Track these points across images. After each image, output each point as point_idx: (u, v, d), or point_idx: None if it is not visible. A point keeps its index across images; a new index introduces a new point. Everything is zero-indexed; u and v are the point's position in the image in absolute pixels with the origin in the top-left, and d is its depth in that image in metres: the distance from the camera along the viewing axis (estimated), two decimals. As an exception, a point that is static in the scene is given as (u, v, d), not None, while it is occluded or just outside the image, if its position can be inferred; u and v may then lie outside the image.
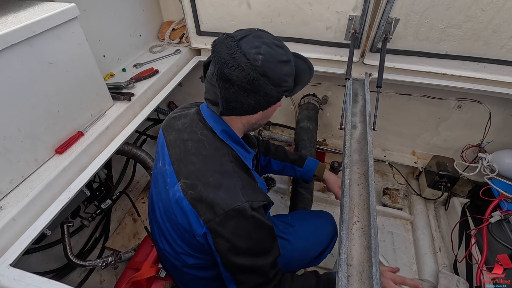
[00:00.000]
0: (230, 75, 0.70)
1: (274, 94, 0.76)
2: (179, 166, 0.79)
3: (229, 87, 0.72)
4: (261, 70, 0.71)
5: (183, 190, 0.75)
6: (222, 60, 0.71)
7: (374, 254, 0.75)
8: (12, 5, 1.00)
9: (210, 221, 0.70)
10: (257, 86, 0.72)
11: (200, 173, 0.76)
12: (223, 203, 0.71)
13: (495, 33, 1.23)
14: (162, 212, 0.88)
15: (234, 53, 0.70)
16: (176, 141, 0.84)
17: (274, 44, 0.74)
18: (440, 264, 1.64)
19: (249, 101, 0.75)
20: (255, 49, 0.71)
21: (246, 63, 0.70)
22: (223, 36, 0.74)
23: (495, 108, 1.61)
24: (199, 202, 0.72)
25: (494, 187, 1.46)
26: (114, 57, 1.56)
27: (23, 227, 0.91)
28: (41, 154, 1.03)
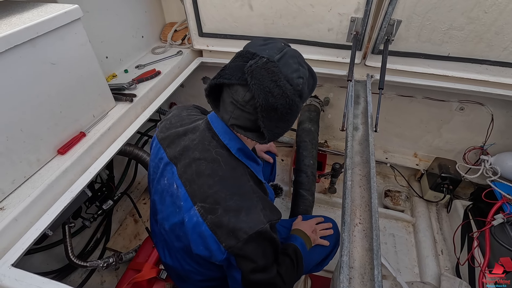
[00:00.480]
0: (276, 104, 0.66)
1: (300, 109, 0.75)
2: (192, 188, 0.74)
3: (273, 115, 0.69)
4: (299, 93, 0.70)
5: (202, 214, 0.71)
6: (266, 88, 0.65)
7: (376, 256, 0.75)
8: (16, 7, 1.01)
9: (231, 247, 0.68)
10: (295, 108, 0.71)
11: (218, 196, 0.72)
12: (246, 227, 0.68)
13: (498, 35, 1.23)
14: (170, 231, 0.85)
15: (278, 81, 0.65)
16: (185, 160, 0.78)
17: (303, 61, 0.74)
18: (442, 267, 1.63)
19: (287, 124, 0.74)
20: (296, 73, 0.68)
21: (290, 90, 0.67)
22: (262, 60, 0.66)
23: (497, 110, 1.60)
24: (219, 227, 0.69)
25: (497, 190, 1.46)
26: (117, 58, 1.56)
27: (25, 227, 0.91)
28: (43, 155, 1.04)
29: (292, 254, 0.90)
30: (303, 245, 1.00)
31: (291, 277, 0.85)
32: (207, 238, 0.70)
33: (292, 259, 0.89)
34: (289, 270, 0.85)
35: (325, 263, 1.16)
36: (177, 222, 0.79)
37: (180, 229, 0.79)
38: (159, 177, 0.87)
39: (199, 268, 0.86)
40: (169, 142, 0.84)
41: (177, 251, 0.88)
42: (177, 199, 0.79)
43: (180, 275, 0.97)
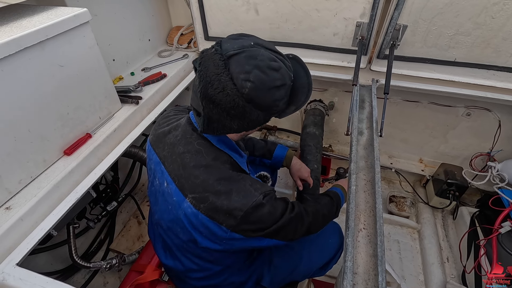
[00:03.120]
0: (214, 97, 0.65)
1: (261, 118, 0.71)
2: (180, 182, 0.76)
3: (213, 108, 0.67)
4: (248, 97, 0.65)
5: (194, 205, 0.73)
6: (207, 79, 0.65)
7: (380, 262, 0.74)
8: (27, 10, 1.03)
9: (232, 226, 0.71)
10: (242, 112, 0.67)
11: (206, 184, 0.73)
12: (241, 205, 0.71)
13: (505, 41, 1.22)
14: (167, 230, 0.86)
15: (220, 75, 0.64)
16: (171, 156, 0.80)
17: (269, 67, 0.66)
18: (448, 274, 1.61)
19: (232, 125, 0.70)
20: (244, 75, 0.64)
21: (232, 89, 0.64)
22: (212, 51, 0.67)
23: (505, 116, 1.58)
24: (216, 212, 0.72)
25: (504, 197, 1.43)
26: (123, 61, 1.58)
27: (30, 227, 0.92)
28: (49, 155, 1.05)
29: (333, 195, 1.05)
30: (342, 194, 1.11)
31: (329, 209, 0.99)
32: (208, 224, 0.73)
33: (331, 197, 1.04)
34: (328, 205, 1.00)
35: (328, 267, 1.16)
36: (173, 219, 0.80)
37: (177, 225, 0.80)
38: (152, 179, 0.89)
39: (200, 262, 0.86)
40: (157, 143, 0.87)
41: (177, 249, 0.89)
42: (169, 196, 0.80)
43: (179, 276, 0.96)
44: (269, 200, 0.76)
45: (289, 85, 0.72)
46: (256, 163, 1.31)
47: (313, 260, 1.10)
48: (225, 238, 0.73)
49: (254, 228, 0.74)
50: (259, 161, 1.30)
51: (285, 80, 0.70)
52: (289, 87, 0.72)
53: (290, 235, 0.81)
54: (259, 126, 0.76)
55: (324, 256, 1.13)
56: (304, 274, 1.12)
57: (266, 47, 0.69)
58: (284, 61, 0.71)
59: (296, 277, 1.11)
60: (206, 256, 0.85)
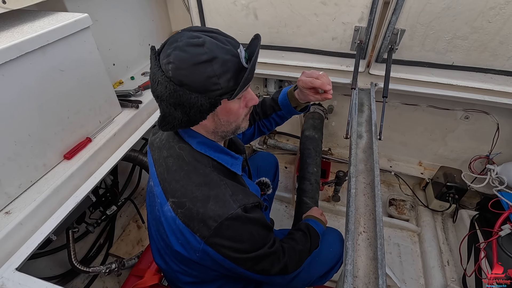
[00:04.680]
0: (156, 91, 0.67)
1: (204, 102, 0.66)
2: (164, 185, 0.76)
3: (160, 103, 0.70)
4: (175, 80, 0.63)
5: (173, 209, 0.72)
6: (150, 76, 0.68)
7: (380, 265, 0.74)
8: (29, 15, 1.04)
9: (205, 236, 0.68)
10: (178, 97, 0.65)
11: (185, 189, 0.72)
12: (215, 215, 0.67)
13: (502, 44, 1.23)
14: (155, 230, 0.87)
15: (154, 68, 0.66)
16: (159, 160, 0.80)
17: (189, 44, 0.63)
18: (448, 278, 1.60)
19: (177, 114, 0.69)
20: (166, 58, 0.64)
21: (161, 76, 0.64)
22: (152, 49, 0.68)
23: (503, 119, 1.59)
24: (191, 219, 0.69)
25: (504, 200, 1.44)
26: (123, 65, 1.59)
27: (30, 231, 0.92)
28: (49, 159, 1.05)
29: (304, 228, 1.01)
30: (316, 222, 1.07)
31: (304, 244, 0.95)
32: (184, 231, 0.70)
33: (304, 231, 0.99)
34: (302, 240, 0.96)
35: (329, 276, 1.14)
36: (158, 220, 0.81)
37: (161, 227, 0.79)
38: (148, 180, 0.91)
39: (185, 268, 0.83)
40: (152, 146, 0.88)
41: (164, 251, 0.87)
42: (155, 198, 0.80)
43: (172, 279, 0.95)
44: (251, 218, 0.71)
45: (226, 59, 0.65)
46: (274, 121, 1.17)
47: (312, 270, 1.07)
48: (198, 250, 0.70)
49: (228, 246, 0.69)
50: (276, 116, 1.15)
51: (215, 54, 0.63)
52: (228, 61, 0.65)
53: (266, 270, 0.78)
54: (208, 112, 0.69)
55: (325, 266, 1.10)
56: (303, 283, 1.09)
57: (193, 30, 0.67)
58: (216, 37, 0.67)
59: (295, 286, 1.07)
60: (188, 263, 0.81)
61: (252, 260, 0.73)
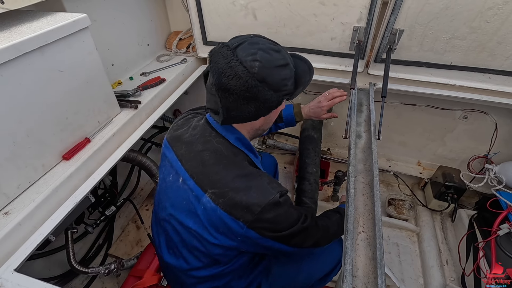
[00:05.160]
0: (228, 85, 0.71)
1: (275, 99, 0.76)
2: (199, 178, 0.79)
3: (228, 96, 0.72)
4: (259, 76, 0.71)
5: (213, 200, 0.76)
6: (219, 70, 0.71)
7: (379, 265, 0.74)
8: (27, 16, 1.04)
9: (248, 221, 0.74)
10: (256, 93, 0.72)
11: (226, 180, 0.77)
12: (258, 202, 0.74)
13: (500, 45, 1.23)
14: (178, 225, 0.87)
15: (230, 62, 0.70)
16: (190, 154, 0.83)
17: (271, 49, 0.74)
18: (447, 277, 1.61)
19: (250, 109, 0.75)
20: (251, 56, 0.71)
21: (243, 71, 0.70)
22: (219, 46, 0.75)
23: (501, 119, 1.60)
24: (233, 207, 0.74)
25: (502, 199, 1.44)
26: (122, 65, 1.59)
27: (29, 232, 0.92)
28: (48, 160, 1.05)
29: (342, 212, 1.03)
30: None
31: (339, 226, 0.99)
32: (225, 219, 0.75)
33: (341, 214, 1.03)
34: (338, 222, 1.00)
35: (328, 279, 1.16)
36: (187, 213, 0.83)
37: (191, 220, 0.82)
38: (165, 176, 0.91)
39: (206, 260, 0.86)
40: (175, 142, 0.89)
41: (183, 245, 0.88)
42: (185, 191, 0.82)
43: (181, 276, 0.94)
44: (286, 201, 0.79)
45: (291, 67, 0.78)
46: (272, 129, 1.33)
47: (312, 272, 1.10)
48: (240, 235, 0.76)
49: (269, 227, 0.76)
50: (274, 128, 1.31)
51: (287, 60, 0.77)
52: (292, 69, 0.78)
53: (299, 244, 0.84)
54: (274, 108, 0.79)
55: (325, 268, 1.13)
56: (303, 285, 1.11)
57: (263, 37, 0.79)
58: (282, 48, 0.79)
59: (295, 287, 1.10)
60: (215, 253, 0.84)
61: (288, 236, 0.80)
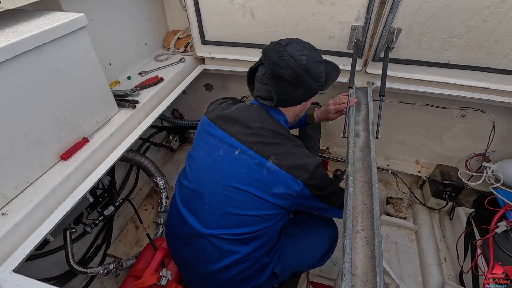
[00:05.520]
0: (281, 73, 0.91)
1: (314, 87, 0.98)
2: (260, 147, 0.93)
3: (280, 83, 0.93)
4: (305, 67, 0.92)
5: (277, 164, 0.91)
6: (273, 61, 0.91)
7: (378, 263, 0.74)
8: (24, 15, 1.03)
9: (305, 178, 0.91)
10: (302, 80, 0.93)
11: (285, 148, 0.95)
12: (311, 163, 0.92)
13: (498, 43, 1.24)
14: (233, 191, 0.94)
15: (283, 56, 0.91)
16: (246, 130, 0.97)
17: (312, 48, 0.98)
18: (445, 275, 1.61)
19: (297, 93, 0.96)
20: (300, 52, 0.93)
21: (293, 63, 0.91)
22: (272, 44, 0.96)
23: (499, 117, 1.60)
24: (294, 168, 0.91)
25: (500, 197, 1.45)
26: (120, 65, 1.58)
27: (27, 232, 0.91)
28: (46, 160, 1.04)
29: None
30: None
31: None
32: (287, 179, 0.91)
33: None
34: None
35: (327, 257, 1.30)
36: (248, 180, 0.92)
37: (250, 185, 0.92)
38: (212, 151, 1.00)
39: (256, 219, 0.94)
40: (224, 120, 1.02)
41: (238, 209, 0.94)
42: (245, 161, 0.93)
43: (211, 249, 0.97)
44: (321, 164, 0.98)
45: (324, 64, 1.01)
46: None
47: (314, 250, 1.24)
48: (297, 192, 0.91)
49: (319, 184, 0.93)
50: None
51: (322, 59, 1.01)
52: (324, 65, 1.00)
53: (332, 201, 1.00)
54: (312, 96, 1.03)
55: (324, 247, 1.26)
56: (307, 264, 1.25)
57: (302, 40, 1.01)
58: None
59: (301, 267, 1.22)
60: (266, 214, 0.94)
61: (328, 194, 0.97)
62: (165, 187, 1.88)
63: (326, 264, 1.36)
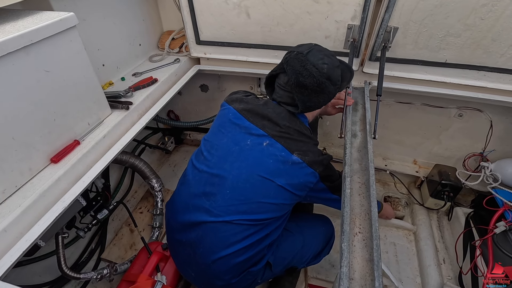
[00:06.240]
0: (305, 82, 0.97)
1: (333, 91, 1.04)
2: (287, 142, 1.01)
3: (304, 91, 0.99)
4: (326, 75, 0.97)
5: (301, 157, 0.99)
6: (297, 71, 0.97)
7: (376, 267, 0.72)
8: (11, 14, 1.01)
9: (320, 171, 1.01)
10: (324, 88, 0.99)
11: (307, 147, 1.03)
12: (325, 159, 1.03)
13: (495, 42, 1.22)
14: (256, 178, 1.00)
15: (305, 65, 0.96)
16: (275, 127, 1.04)
17: (331, 55, 1.02)
18: (444, 276, 1.60)
19: (319, 99, 1.03)
20: (321, 60, 0.97)
21: (316, 72, 0.96)
22: (294, 53, 0.99)
23: (496, 116, 1.59)
24: (313, 163, 1.00)
25: (498, 197, 1.43)
26: (113, 66, 1.56)
27: (14, 238, 0.88)
28: (35, 163, 1.01)
29: None
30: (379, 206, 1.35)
31: None
32: (307, 172, 1.00)
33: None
34: None
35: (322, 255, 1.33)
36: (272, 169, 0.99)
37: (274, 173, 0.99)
38: (239, 140, 1.05)
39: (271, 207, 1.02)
40: (252, 113, 1.08)
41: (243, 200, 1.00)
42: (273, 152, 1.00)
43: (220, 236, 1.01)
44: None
45: (340, 66, 1.05)
46: None
47: (310, 246, 1.26)
48: (313, 183, 1.01)
49: (330, 176, 1.03)
50: None
51: (339, 62, 1.05)
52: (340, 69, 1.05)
53: (339, 193, 1.07)
54: (332, 99, 1.08)
55: (318, 244, 1.29)
56: (302, 260, 1.26)
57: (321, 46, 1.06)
58: None
59: (295, 261, 1.23)
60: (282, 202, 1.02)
61: (337, 186, 1.06)
62: (160, 189, 1.86)
63: (324, 266, 1.34)
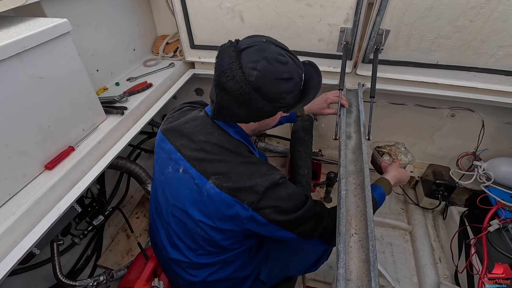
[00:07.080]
0: (225, 84, 0.73)
1: (267, 109, 0.77)
2: (202, 165, 0.81)
3: (224, 95, 0.75)
4: (254, 85, 0.72)
5: (217, 185, 0.78)
6: (221, 68, 0.74)
7: (373, 268, 0.73)
8: (4, 21, 1.00)
9: (253, 202, 0.76)
10: (248, 100, 0.74)
11: (230, 167, 0.80)
12: (261, 183, 0.76)
13: (484, 43, 1.25)
14: (181, 215, 0.87)
15: (232, 64, 0.72)
16: (191, 145, 0.85)
17: (276, 60, 0.73)
18: (441, 275, 1.61)
19: (240, 112, 0.77)
20: (252, 64, 0.71)
21: (240, 76, 0.71)
22: (228, 44, 0.77)
23: (487, 116, 1.62)
24: (238, 190, 0.77)
25: (491, 195, 1.45)
26: (108, 71, 1.55)
27: (9, 247, 0.87)
28: (29, 170, 1.01)
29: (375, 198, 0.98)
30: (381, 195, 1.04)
31: None
32: (230, 202, 0.77)
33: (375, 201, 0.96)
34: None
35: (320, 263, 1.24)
36: (191, 202, 0.83)
37: (195, 208, 0.83)
38: (163, 168, 0.91)
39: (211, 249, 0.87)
40: (172, 133, 0.90)
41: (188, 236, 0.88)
42: (187, 181, 0.83)
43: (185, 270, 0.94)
44: (285, 182, 0.81)
45: (297, 81, 0.78)
46: None
47: (305, 255, 1.16)
48: (245, 218, 0.77)
49: (273, 206, 0.77)
50: None
51: (292, 75, 0.76)
52: (297, 83, 0.78)
53: (306, 229, 0.83)
54: (266, 117, 0.81)
55: (316, 252, 1.19)
56: (298, 270, 1.17)
57: (276, 45, 0.78)
58: (294, 59, 0.78)
59: (291, 272, 1.15)
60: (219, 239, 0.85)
61: (296, 220, 0.80)
62: (156, 194, 1.85)
63: (321, 267, 1.34)
